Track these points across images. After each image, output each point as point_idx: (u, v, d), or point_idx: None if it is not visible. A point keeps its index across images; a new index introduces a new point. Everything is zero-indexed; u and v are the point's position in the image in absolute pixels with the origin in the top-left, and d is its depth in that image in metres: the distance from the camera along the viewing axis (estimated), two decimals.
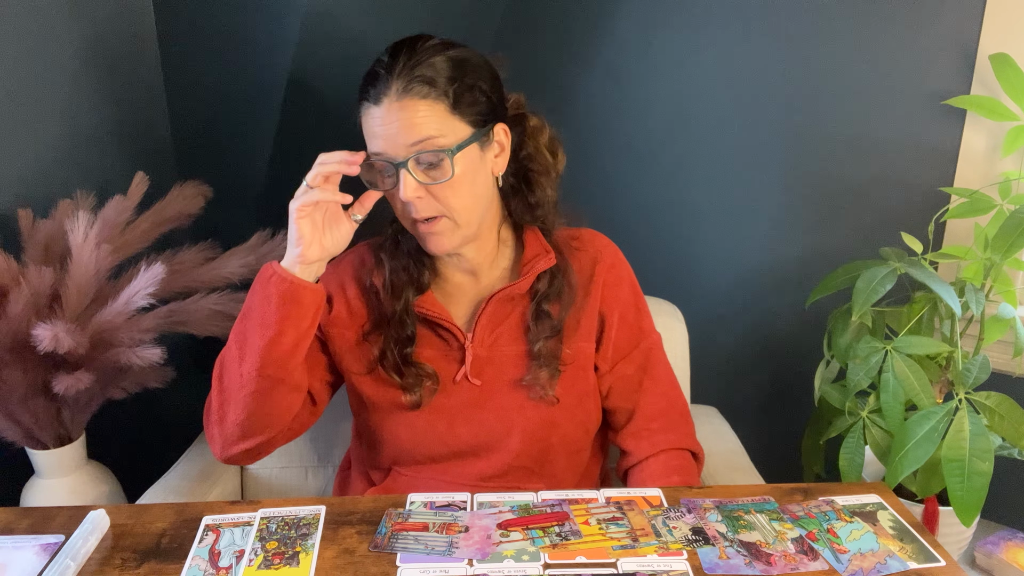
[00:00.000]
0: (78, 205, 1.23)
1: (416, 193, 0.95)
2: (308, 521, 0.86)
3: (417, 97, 0.93)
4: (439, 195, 0.96)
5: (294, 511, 0.88)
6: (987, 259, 1.22)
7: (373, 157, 0.96)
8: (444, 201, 0.96)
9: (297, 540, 0.83)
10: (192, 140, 1.56)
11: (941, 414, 1.13)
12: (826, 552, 0.82)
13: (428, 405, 1.03)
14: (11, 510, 0.91)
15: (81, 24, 1.35)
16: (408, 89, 0.93)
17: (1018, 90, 1.25)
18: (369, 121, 0.96)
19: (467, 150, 0.96)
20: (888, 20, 1.36)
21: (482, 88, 0.98)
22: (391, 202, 1.01)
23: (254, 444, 1.00)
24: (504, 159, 1.03)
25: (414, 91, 0.93)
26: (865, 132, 1.42)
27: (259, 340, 0.95)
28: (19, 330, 1.09)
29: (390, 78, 0.93)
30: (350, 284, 1.09)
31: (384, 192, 0.99)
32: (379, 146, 0.95)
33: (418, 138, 0.93)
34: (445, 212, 0.97)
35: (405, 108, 0.93)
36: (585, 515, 0.87)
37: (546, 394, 1.02)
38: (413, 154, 0.93)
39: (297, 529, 0.85)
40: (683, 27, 1.46)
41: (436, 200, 0.96)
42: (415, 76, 0.93)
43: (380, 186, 0.98)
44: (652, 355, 1.10)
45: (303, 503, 0.90)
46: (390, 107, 0.93)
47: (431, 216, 0.97)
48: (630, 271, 1.12)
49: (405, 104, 0.93)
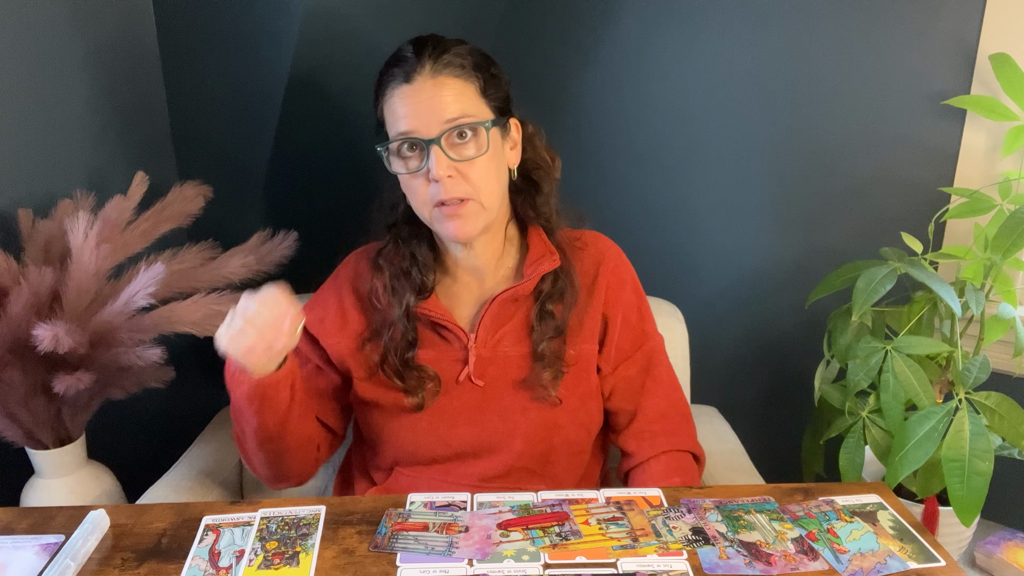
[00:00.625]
0: (78, 205, 1.23)
1: (448, 171, 0.94)
2: (308, 521, 0.86)
3: (451, 76, 0.95)
4: (469, 175, 0.96)
5: (294, 511, 0.88)
6: (987, 259, 1.22)
7: (400, 137, 0.96)
8: (473, 181, 0.96)
9: (297, 540, 0.83)
10: (192, 140, 1.56)
11: (941, 414, 1.13)
12: (826, 552, 0.82)
13: (430, 407, 1.03)
14: (11, 510, 0.91)
15: (81, 24, 1.35)
16: (442, 68, 0.94)
17: (1018, 90, 1.25)
18: (397, 100, 0.96)
19: (494, 132, 0.98)
20: (888, 20, 1.36)
21: (502, 79, 1.01)
22: (409, 189, 0.99)
23: (290, 484, 1.08)
24: (517, 154, 1.05)
25: (447, 71, 0.95)
26: (865, 132, 1.42)
27: (246, 426, 0.98)
28: (19, 330, 1.09)
29: (422, 58, 0.95)
30: (347, 294, 1.10)
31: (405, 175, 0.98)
32: (408, 124, 0.95)
33: (454, 115, 0.94)
34: (472, 194, 0.97)
35: (440, 85, 0.94)
36: (585, 515, 0.87)
37: (549, 395, 1.02)
38: (446, 130, 0.94)
39: (297, 529, 0.85)
40: (683, 27, 1.46)
41: (465, 180, 0.96)
42: (448, 57, 0.95)
43: (402, 168, 0.98)
44: (654, 357, 1.10)
45: (303, 503, 0.90)
46: (423, 84, 0.94)
47: (460, 197, 0.96)
48: (633, 273, 1.12)
49: (440, 81, 0.94)
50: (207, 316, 1.23)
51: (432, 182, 0.95)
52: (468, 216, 0.98)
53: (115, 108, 1.44)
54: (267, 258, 1.32)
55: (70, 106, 1.35)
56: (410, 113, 0.94)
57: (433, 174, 0.94)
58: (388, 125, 0.98)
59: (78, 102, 1.36)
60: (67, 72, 1.34)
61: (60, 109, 1.33)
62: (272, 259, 1.32)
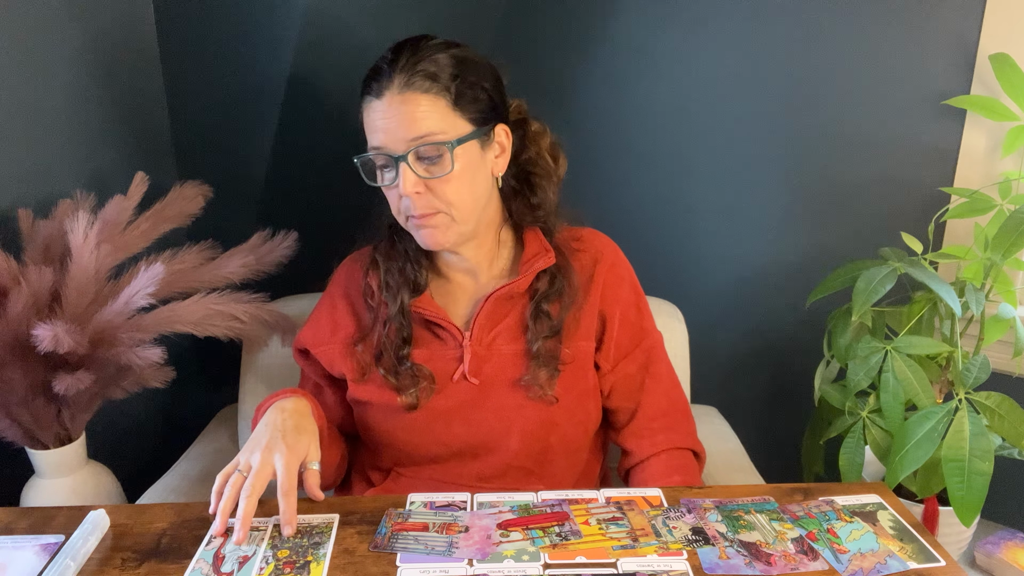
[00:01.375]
0: (78, 205, 1.23)
1: (415, 188, 0.95)
2: (321, 530, 0.85)
3: (419, 91, 0.93)
4: (437, 190, 0.96)
5: (307, 519, 0.87)
6: (987, 259, 1.22)
7: (372, 151, 0.97)
8: (442, 196, 0.96)
9: (309, 549, 0.82)
10: (192, 140, 1.56)
11: (941, 414, 1.13)
12: (826, 552, 0.82)
13: (425, 406, 1.03)
14: (11, 510, 0.91)
15: (81, 24, 1.35)
16: (410, 83, 0.93)
17: (1018, 90, 1.25)
18: (370, 115, 0.96)
19: (467, 146, 0.96)
20: (888, 20, 1.36)
21: (484, 87, 0.98)
22: (387, 198, 1.01)
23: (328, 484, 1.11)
24: (504, 160, 1.03)
25: (416, 85, 0.93)
26: (865, 132, 1.42)
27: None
28: (19, 330, 1.09)
29: (393, 72, 0.94)
30: (338, 301, 1.11)
31: (382, 187, 1.00)
32: (379, 140, 0.95)
33: (419, 133, 0.93)
34: (443, 208, 0.97)
35: (407, 102, 0.93)
36: (585, 515, 0.87)
37: (545, 394, 1.02)
38: (412, 148, 0.94)
39: (310, 537, 0.84)
40: (683, 27, 1.46)
41: (434, 196, 0.96)
42: (418, 71, 0.94)
43: (378, 181, 0.99)
44: (653, 354, 1.10)
45: (303, 503, 0.90)
46: (391, 100, 0.94)
47: (430, 212, 0.97)
48: (631, 270, 1.12)
49: (407, 98, 0.93)
50: (207, 316, 1.23)
51: (403, 195, 0.96)
52: (439, 227, 0.99)
53: (115, 108, 1.44)
54: (267, 258, 1.32)
55: (70, 106, 1.35)
56: (381, 128, 0.95)
57: (402, 190, 0.95)
58: (367, 135, 0.99)
59: (78, 102, 1.36)
60: (67, 72, 1.34)
61: (60, 109, 1.33)
62: (272, 259, 1.32)
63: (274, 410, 0.96)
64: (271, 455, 0.88)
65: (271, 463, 0.87)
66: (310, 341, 1.11)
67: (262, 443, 0.89)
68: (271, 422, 0.93)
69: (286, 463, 0.87)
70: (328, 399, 1.12)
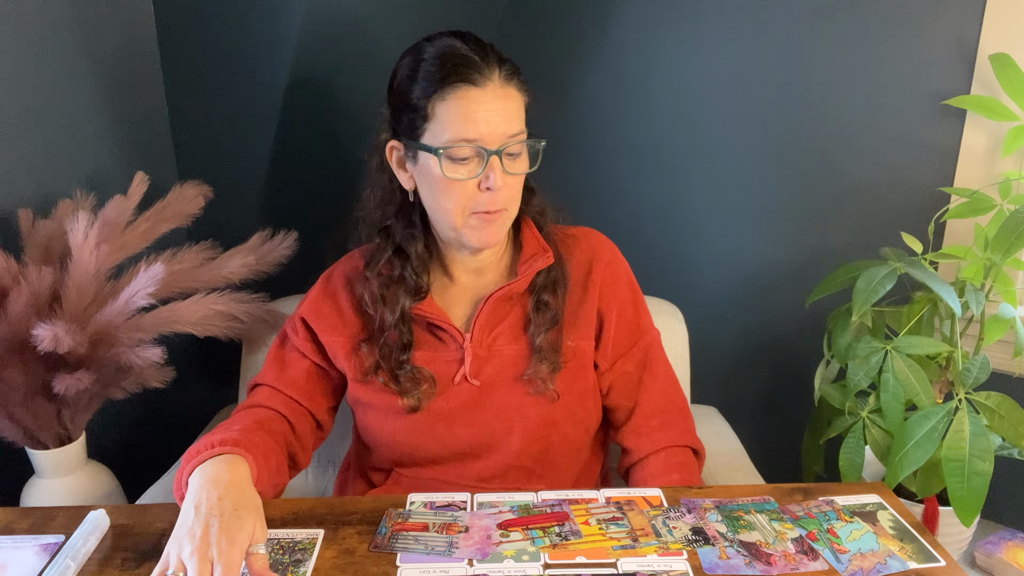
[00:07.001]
0: (78, 205, 1.23)
1: (505, 183, 0.95)
2: (304, 546, 0.83)
3: (517, 88, 0.94)
4: (513, 187, 0.97)
5: (291, 534, 0.85)
6: (987, 259, 1.22)
7: (460, 143, 0.92)
8: (514, 194, 0.98)
9: (289, 566, 0.80)
10: (192, 140, 1.56)
11: (941, 414, 1.13)
12: (826, 552, 0.82)
13: (427, 408, 1.03)
14: (11, 510, 0.91)
15: (82, 24, 1.35)
16: (511, 79, 0.94)
17: (1018, 90, 1.25)
18: (463, 104, 0.91)
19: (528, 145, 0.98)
20: (888, 20, 1.36)
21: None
22: (447, 191, 0.95)
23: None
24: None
25: (515, 82, 0.94)
26: (865, 132, 1.42)
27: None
28: (19, 330, 1.09)
29: (492, 63, 0.92)
30: (342, 293, 1.09)
31: (447, 179, 0.93)
32: (475, 131, 0.91)
33: (515, 130, 0.94)
34: (510, 205, 0.99)
35: (511, 97, 0.93)
36: (585, 515, 0.87)
37: (547, 389, 1.02)
38: (507, 143, 0.93)
39: (291, 554, 0.82)
40: (683, 27, 1.46)
41: (509, 192, 0.97)
42: (513, 66, 0.94)
43: (450, 172, 0.93)
44: (651, 352, 1.10)
45: (303, 503, 0.90)
46: (496, 93, 0.92)
47: (500, 208, 0.97)
48: (627, 268, 1.12)
49: (510, 93, 0.93)
50: (207, 316, 1.23)
51: (485, 190, 0.95)
52: (501, 225, 0.99)
53: (115, 108, 1.44)
54: (267, 258, 1.32)
55: (70, 106, 1.35)
56: (481, 120, 0.91)
57: (493, 185, 0.93)
58: (442, 123, 0.92)
59: (78, 102, 1.36)
60: (67, 72, 1.34)
61: (60, 109, 1.33)
62: (272, 259, 1.32)
63: (206, 486, 0.81)
64: (207, 553, 0.74)
65: (208, 568, 0.73)
66: (315, 321, 1.07)
67: (196, 535, 0.75)
68: (203, 504, 0.79)
69: (227, 561, 0.73)
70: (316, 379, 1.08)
